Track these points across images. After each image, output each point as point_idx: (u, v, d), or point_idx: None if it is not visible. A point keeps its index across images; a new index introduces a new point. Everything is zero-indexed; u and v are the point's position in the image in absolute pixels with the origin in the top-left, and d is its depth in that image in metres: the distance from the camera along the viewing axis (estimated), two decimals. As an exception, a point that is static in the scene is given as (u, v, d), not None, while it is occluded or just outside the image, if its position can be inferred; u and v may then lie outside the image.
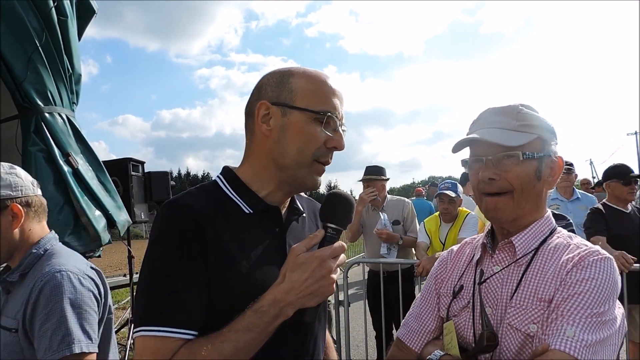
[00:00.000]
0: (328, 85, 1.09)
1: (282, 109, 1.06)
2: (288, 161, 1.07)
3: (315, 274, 0.94)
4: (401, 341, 1.34)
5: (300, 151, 1.06)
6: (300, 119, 1.06)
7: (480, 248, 1.28)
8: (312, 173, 1.09)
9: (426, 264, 3.69)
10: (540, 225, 1.19)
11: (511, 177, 1.14)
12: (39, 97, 3.54)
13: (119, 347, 5.70)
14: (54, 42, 3.63)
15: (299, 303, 0.95)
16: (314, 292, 0.95)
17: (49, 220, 1.96)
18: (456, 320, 1.24)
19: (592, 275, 1.05)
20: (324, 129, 1.06)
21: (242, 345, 0.92)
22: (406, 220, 4.41)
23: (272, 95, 1.08)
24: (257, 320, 0.93)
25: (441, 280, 1.36)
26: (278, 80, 1.09)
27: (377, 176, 4.34)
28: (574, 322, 1.00)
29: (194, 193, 1.08)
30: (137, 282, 1.02)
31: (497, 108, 1.21)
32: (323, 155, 1.08)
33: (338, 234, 1.02)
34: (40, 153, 3.48)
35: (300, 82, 1.08)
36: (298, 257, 0.96)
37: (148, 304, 0.96)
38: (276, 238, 1.11)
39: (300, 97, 1.06)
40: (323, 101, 1.07)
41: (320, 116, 1.06)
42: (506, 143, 1.12)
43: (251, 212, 1.07)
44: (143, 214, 5.20)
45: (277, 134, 1.06)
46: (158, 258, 0.98)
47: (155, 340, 0.92)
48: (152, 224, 1.03)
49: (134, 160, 5.14)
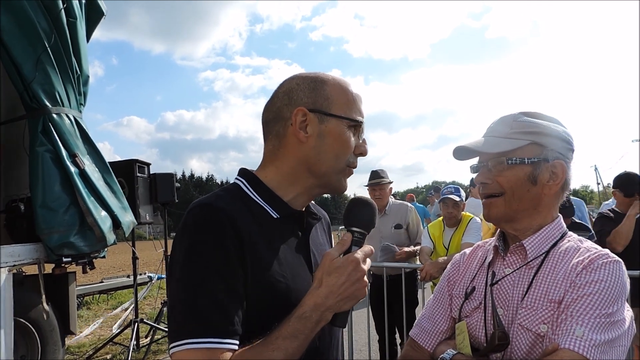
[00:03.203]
0: (357, 93, 1.12)
1: (319, 116, 1.07)
2: (325, 168, 1.08)
3: (352, 277, 0.95)
4: (414, 341, 1.36)
5: (336, 158, 1.08)
6: (337, 126, 1.07)
7: (492, 251, 1.31)
8: (344, 178, 1.12)
9: (429, 269, 3.69)
10: (551, 229, 1.22)
11: (501, 180, 1.20)
12: (47, 97, 3.57)
13: (121, 348, 5.72)
14: (62, 44, 3.66)
15: (336, 307, 0.95)
16: (350, 295, 0.95)
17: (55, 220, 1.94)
18: (468, 321, 1.26)
19: (602, 277, 1.07)
20: (354, 136, 1.10)
21: (291, 352, 0.91)
22: (411, 227, 4.42)
23: (307, 101, 1.08)
24: (302, 327, 0.92)
25: (454, 282, 1.39)
26: (311, 87, 1.09)
27: (383, 179, 4.37)
28: (583, 322, 1.02)
29: (223, 196, 1.06)
30: (170, 290, 0.97)
31: (500, 117, 1.28)
32: (352, 161, 1.12)
33: (363, 237, 1.04)
34: (48, 153, 3.50)
35: (335, 90, 1.09)
36: (333, 262, 0.96)
37: (190, 315, 0.92)
38: (302, 243, 1.12)
39: (336, 104, 1.08)
40: (355, 108, 1.11)
41: (354, 124, 1.09)
42: (488, 150, 1.21)
43: (278, 217, 1.07)
44: (148, 215, 5.23)
45: (314, 140, 1.07)
46: (197, 265, 0.94)
47: (205, 352, 0.89)
48: (180, 226, 0.99)
49: (140, 161, 5.17)
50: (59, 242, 3.43)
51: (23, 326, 3.67)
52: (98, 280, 8.54)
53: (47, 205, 3.41)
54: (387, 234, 4.32)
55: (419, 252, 4.22)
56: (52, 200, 3.43)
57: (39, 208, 3.40)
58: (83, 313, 8.03)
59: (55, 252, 3.45)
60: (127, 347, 5.20)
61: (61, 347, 4.07)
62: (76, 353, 5.81)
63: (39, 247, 3.48)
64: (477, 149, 1.23)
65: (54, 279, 3.95)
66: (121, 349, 5.67)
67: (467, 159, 1.28)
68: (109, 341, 5.62)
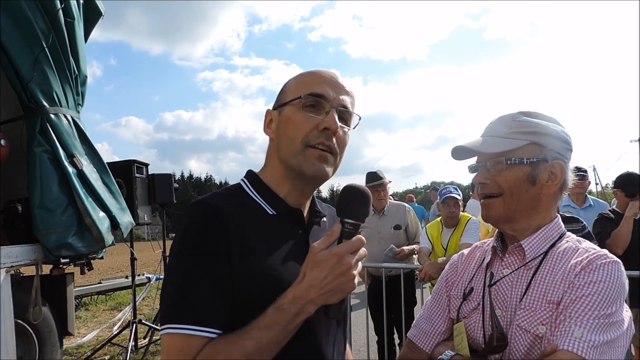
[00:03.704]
0: (316, 74, 1.12)
1: (279, 109, 1.14)
2: (283, 154, 1.10)
3: (334, 271, 0.93)
4: (412, 342, 1.35)
5: (290, 140, 1.08)
6: (289, 110, 1.10)
7: (490, 251, 1.31)
8: (307, 158, 1.07)
9: (428, 269, 3.69)
10: (549, 230, 1.21)
11: (500, 180, 1.20)
12: (44, 98, 3.55)
13: (120, 348, 5.70)
14: (60, 44, 3.64)
15: (320, 300, 0.95)
16: (334, 288, 0.94)
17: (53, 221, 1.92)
18: (466, 322, 1.26)
19: (600, 278, 1.06)
20: (312, 114, 1.07)
21: (265, 343, 0.92)
22: (410, 227, 4.42)
23: (275, 103, 1.17)
24: (279, 318, 0.93)
25: (452, 282, 1.38)
26: (281, 89, 1.18)
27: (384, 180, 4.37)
28: (581, 323, 1.01)
29: (220, 194, 1.11)
30: (162, 281, 1.03)
31: (499, 117, 1.28)
32: (315, 138, 1.06)
33: (356, 229, 1.00)
34: (45, 154, 3.48)
35: (291, 81, 1.16)
36: (316, 255, 0.95)
37: (173, 302, 0.97)
38: (300, 240, 1.12)
39: (289, 92, 1.13)
40: (308, 87, 1.09)
41: (303, 100, 1.07)
42: (486, 150, 1.21)
43: (275, 214, 1.09)
44: (146, 216, 5.22)
45: (275, 133, 1.14)
46: (182, 256, 0.99)
47: (181, 338, 0.93)
48: (179, 222, 1.05)
49: (138, 162, 5.16)
50: (56, 243, 3.41)
51: (21, 327, 3.65)
52: (96, 281, 8.54)
53: (45, 206, 3.40)
54: (387, 235, 4.32)
55: (417, 253, 4.21)
56: (49, 201, 3.41)
57: (37, 209, 3.39)
58: (81, 314, 8.02)
59: (53, 253, 3.44)
60: (125, 348, 5.18)
61: (59, 348, 4.06)
62: (74, 354, 5.80)
63: (36, 248, 3.47)
64: (476, 149, 1.22)
65: (52, 280, 3.95)
66: (119, 350, 5.66)
67: (466, 158, 1.28)
68: (107, 342, 5.61)
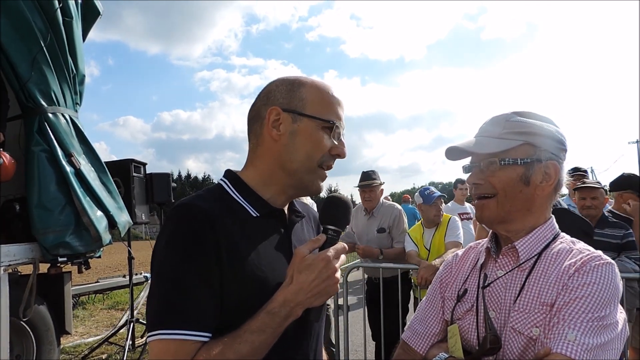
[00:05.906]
0: (334, 96, 1.15)
1: (293, 115, 1.11)
2: (296, 166, 1.11)
3: (322, 275, 0.99)
4: (406, 343, 1.35)
5: (307, 157, 1.11)
6: (310, 126, 1.11)
7: (484, 252, 1.30)
8: (317, 178, 1.14)
9: (424, 273, 3.66)
10: (543, 231, 1.21)
11: (494, 181, 1.19)
12: (42, 97, 3.56)
13: (117, 347, 5.70)
14: (58, 43, 3.64)
15: (307, 302, 0.99)
16: (320, 291, 0.99)
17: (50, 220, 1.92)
18: (460, 324, 1.25)
19: (594, 280, 1.06)
20: (327, 136, 1.12)
21: (257, 346, 0.95)
22: (392, 228, 4.37)
23: (282, 102, 1.12)
24: (270, 321, 0.96)
25: (446, 284, 1.38)
26: (288, 88, 1.14)
27: (374, 181, 4.35)
28: (575, 326, 1.01)
29: (203, 195, 1.10)
30: (150, 284, 1.02)
31: (492, 117, 1.27)
32: (327, 161, 1.14)
33: (338, 235, 1.08)
34: (43, 153, 3.49)
35: (310, 92, 1.13)
36: (304, 259, 0.99)
37: (164, 307, 0.96)
38: (283, 240, 1.14)
39: (310, 105, 1.12)
40: (330, 110, 1.13)
41: (328, 124, 1.11)
42: (480, 151, 1.20)
43: (258, 215, 1.10)
44: (144, 215, 5.22)
45: (286, 139, 1.11)
46: (172, 260, 0.98)
47: (175, 343, 0.92)
48: (162, 226, 1.05)
49: (136, 161, 5.16)
50: (54, 242, 3.42)
51: (18, 326, 3.65)
52: (94, 280, 8.52)
53: (43, 205, 3.40)
54: (372, 237, 4.33)
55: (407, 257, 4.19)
56: (47, 200, 3.42)
57: (35, 208, 3.39)
58: (79, 313, 8.01)
59: (50, 252, 3.44)
60: (122, 347, 5.18)
61: (56, 346, 4.06)
62: (72, 353, 5.79)
63: (34, 246, 3.47)
64: (470, 150, 1.22)
65: (50, 279, 3.94)
66: (117, 349, 5.66)
67: (460, 159, 1.27)
68: (104, 341, 5.61)
